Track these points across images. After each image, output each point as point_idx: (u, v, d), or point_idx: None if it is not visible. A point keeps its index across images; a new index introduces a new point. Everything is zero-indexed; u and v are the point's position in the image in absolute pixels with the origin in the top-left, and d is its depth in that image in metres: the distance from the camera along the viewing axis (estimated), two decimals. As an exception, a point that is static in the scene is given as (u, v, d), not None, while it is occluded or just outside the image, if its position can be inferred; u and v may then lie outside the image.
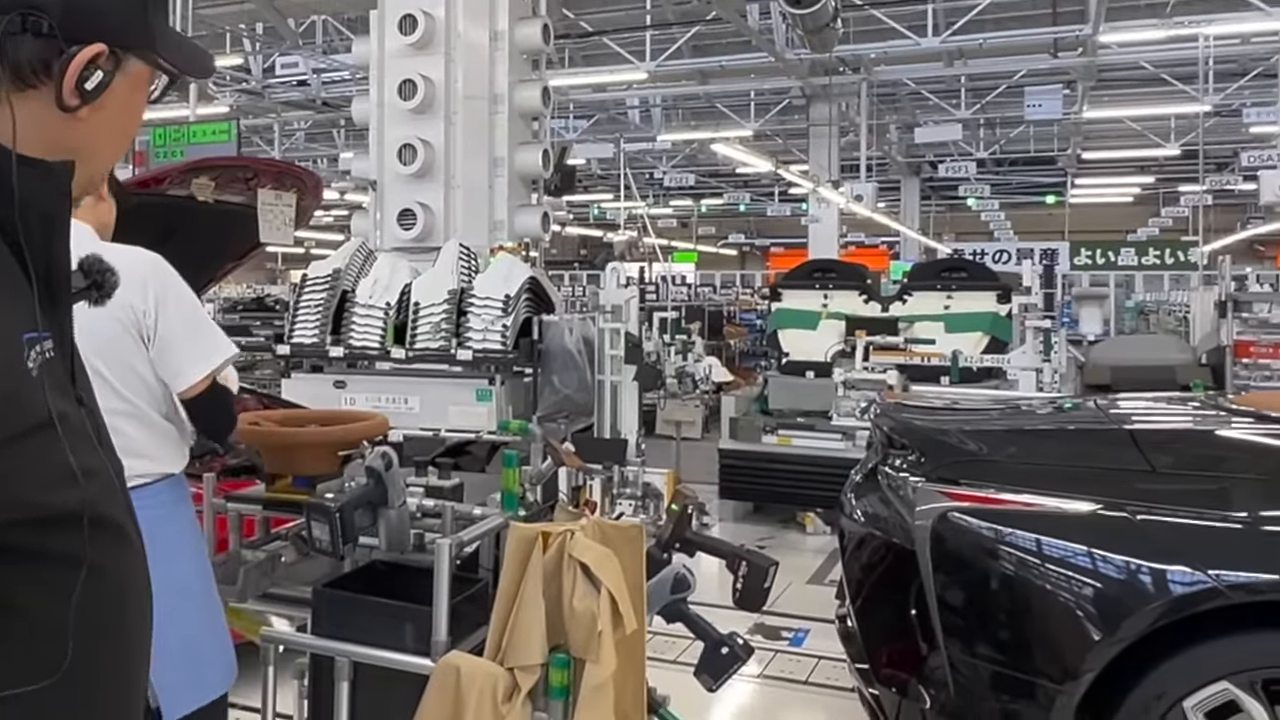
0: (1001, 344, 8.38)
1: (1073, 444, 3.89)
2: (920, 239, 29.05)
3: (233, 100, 15.32)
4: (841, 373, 7.40)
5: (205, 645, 2.60)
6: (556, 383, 7.22)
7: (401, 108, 8.49)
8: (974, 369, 7.73)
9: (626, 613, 2.46)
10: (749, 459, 7.90)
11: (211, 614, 2.67)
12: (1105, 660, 3.26)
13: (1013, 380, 7.15)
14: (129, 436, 2.51)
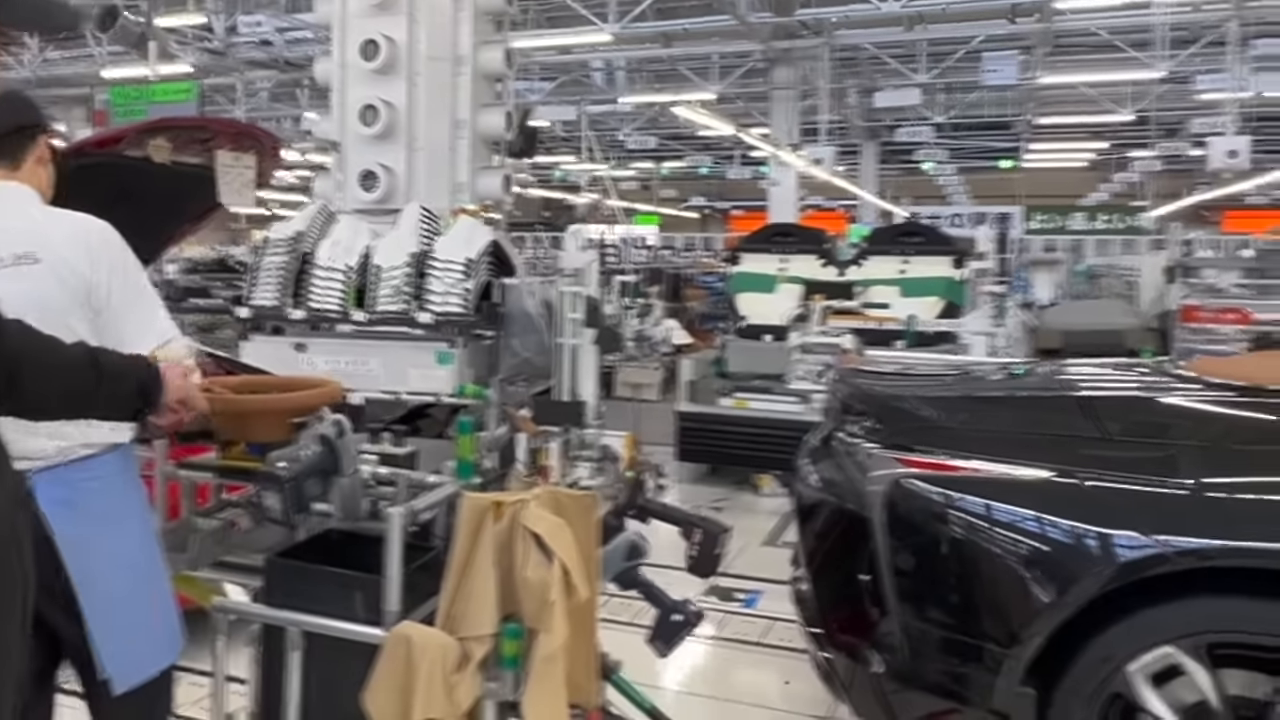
0: (956, 308, 8.38)
1: (1025, 411, 3.87)
2: (878, 203, 29.09)
3: (195, 59, 15.02)
4: (797, 336, 7.38)
5: (152, 618, 2.54)
6: (517, 346, 7.16)
7: (364, 68, 8.35)
8: (929, 333, 7.72)
9: (579, 583, 2.42)
10: (706, 421, 7.87)
11: (158, 586, 2.59)
12: (1053, 625, 3.26)
13: (965, 345, 7.15)
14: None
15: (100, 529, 2.45)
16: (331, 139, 8.57)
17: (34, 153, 2.64)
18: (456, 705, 2.40)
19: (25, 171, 2.62)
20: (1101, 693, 3.25)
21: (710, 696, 4.61)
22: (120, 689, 2.45)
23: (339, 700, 2.53)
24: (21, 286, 2.38)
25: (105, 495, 2.49)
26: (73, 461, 2.45)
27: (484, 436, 3.21)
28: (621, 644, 4.20)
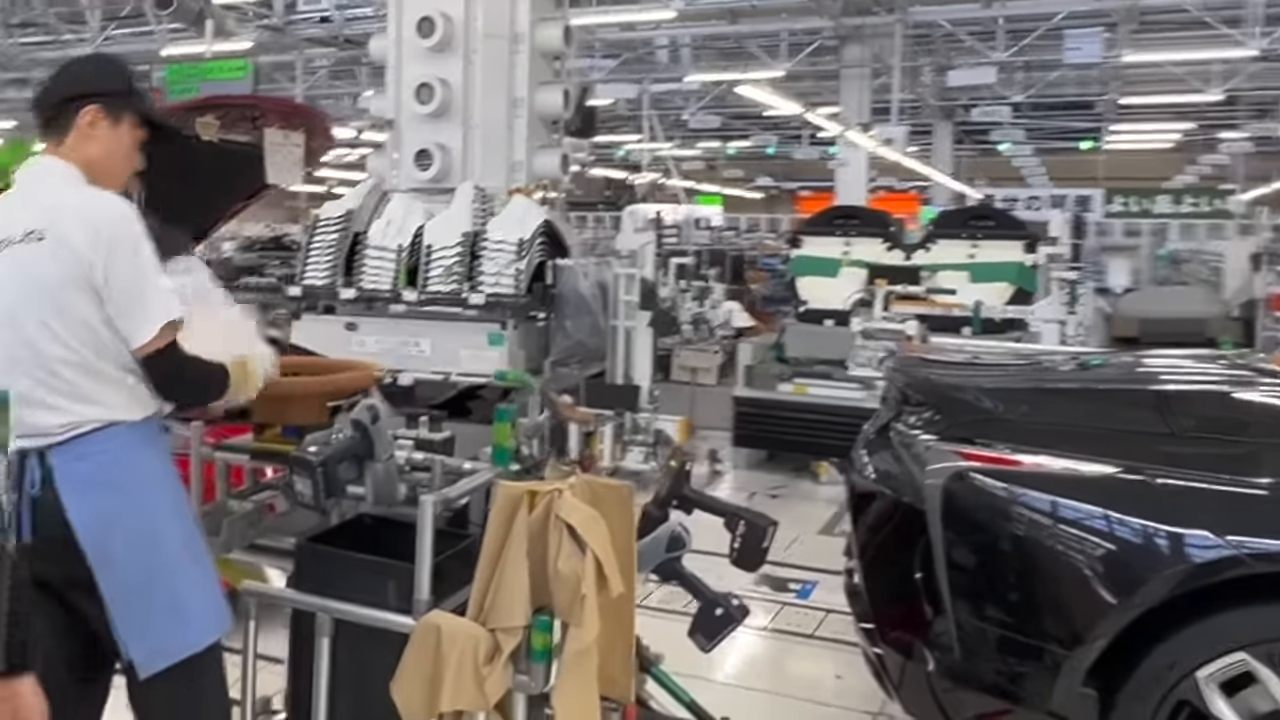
0: (1027, 295, 8.23)
1: (1093, 404, 3.76)
2: (952, 184, 28.65)
3: (254, 37, 15.13)
4: (859, 322, 7.28)
5: (182, 597, 2.48)
6: (569, 328, 7.16)
7: (420, 45, 8.37)
8: (997, 320, 7.59)
9: (612, 576, 2.38)
10: (764, 407, 7.81)
11: (190, 564, 2.53)
12: (1117, 628, 3.17)
13: (1036, 332, 7.01)
14: (72, 383, 2.44)
15: (119, 504, 2.44)
16: (387, 117, 8.61)
17: (78, 127, 2.59)
18: (486, 697, 2.38)
19: (68, 145, 2.59)
20: (1168, 699, 3.15)
21: (760, 689, 4.56)
22: (146, 672, 2.42)
23: (369, 688, 2.51)
24: (23, 262, 2.44)
25: (122, 468, 2.46)
26: (85, 434, 2.44)
27: (524, 423, 3.18)
28: (673, 635, 4.19)
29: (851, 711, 4.29)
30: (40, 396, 2.41)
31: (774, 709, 4.41)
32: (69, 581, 2.42)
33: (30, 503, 2.41)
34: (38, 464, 2.42)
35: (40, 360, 2.43)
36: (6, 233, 2.48)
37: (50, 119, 2.61)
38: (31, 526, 2.41)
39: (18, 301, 2.45)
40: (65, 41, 18.06)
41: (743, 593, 5.47)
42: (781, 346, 8.27)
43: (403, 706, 2.44)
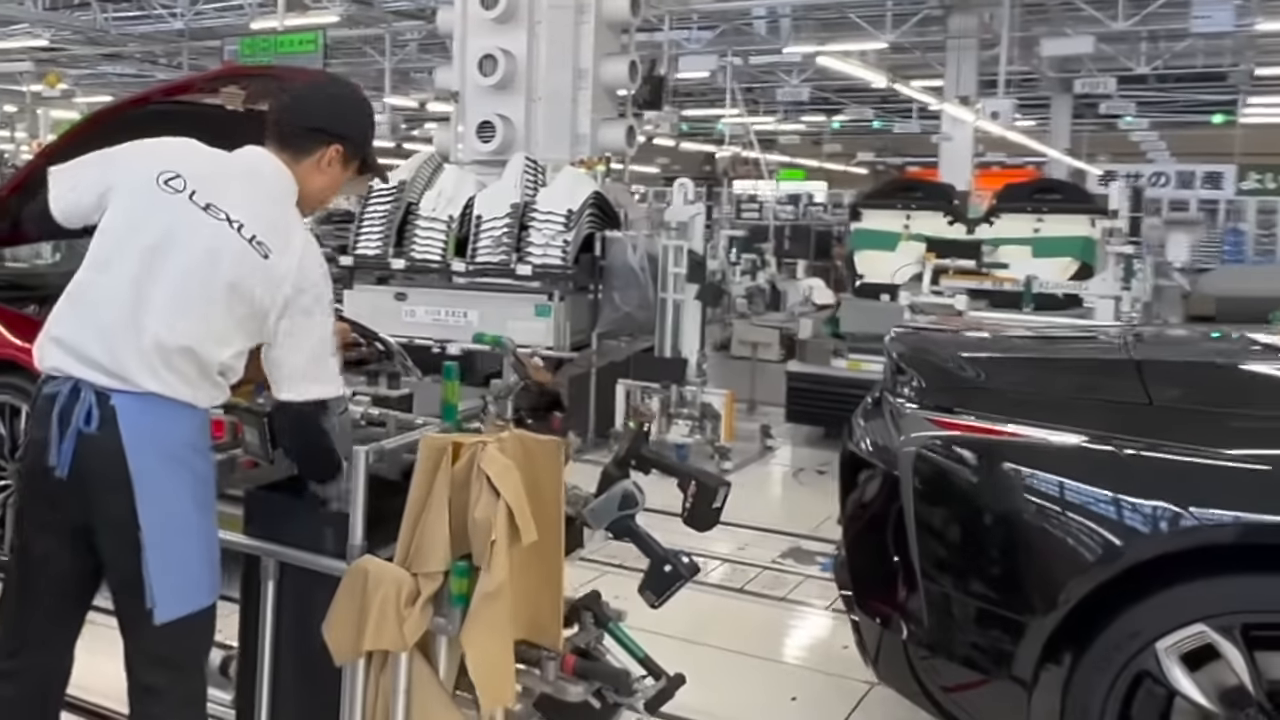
0: (1093, 270, 8.14)
1: (1075, 374, 3.80)
2: (1067, 160, 28.01)
3: (342, 10, 15.57)
4: (907, 296, 7.30)
5: (200, 557, 2.66)
6: (618, 300, 7.32)
7: (484, 17, 8.57)
8: (1059, 296, 7.52)
9: (524, 525, 2.53)
10: (817, 382, 7.87)
11: (208, 529, 2.71)
12: (1078, 596, 3.21)
13: (1090, 308, 6.95)
14: (182, 366, 2.57)
15: (170, 461, 2.59)
16: (451, 89, 8.85)
17: (317, 157, 2.75)
18: (405, 637, 2.56)
19: (301, 168, 2.74)
20: (1127, 669, 3.19)
21: (763, 657, 4.68)
22: (161, 620, 2.56)
23: (312, 628, 2.71)
24: (236, 257, 2.57)
25: (178, 433, 2.60)
26: (164, 398, 2.57)
27: (496, 384, 3.35)
28: (691, 603, 4.31)
29: (850, 680, 4.38)
30: (150, 356, 2.53)
31: (776, 676, 4.52)
32: (105, 523, 2.58)
33: (75, 439, 2.53)
34: (95, 403, 2.52)
35: (178, 339, 2.55)
36: (233, 210, 2.61)
37: (293, 137, 2.75)
38: (72, 462, 2.53)
39: (201, 280, 2.57)
40: (157, 16, 18.71)
41: (769, 565, 5.68)
42: (836, 321, 8.32)
43: (332, 645, 2.63)
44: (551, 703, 2.90)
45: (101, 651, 2.85)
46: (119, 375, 2.54)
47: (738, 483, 7.20)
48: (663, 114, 17.06)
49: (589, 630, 3.11)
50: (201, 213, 2.59)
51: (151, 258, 2.57)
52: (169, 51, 22.36)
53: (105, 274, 2.59)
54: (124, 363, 2.53)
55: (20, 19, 19.09)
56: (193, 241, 2.57)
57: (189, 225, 2.58)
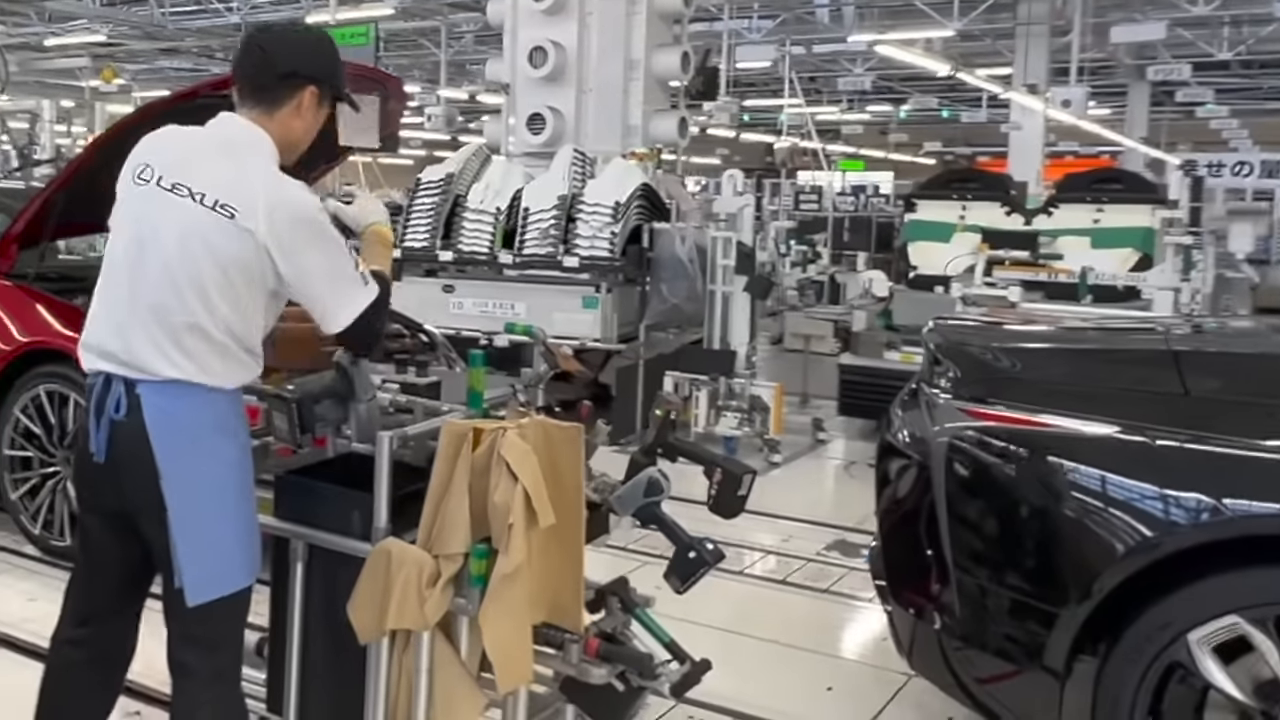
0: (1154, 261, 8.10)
1: (1110, 365, 3.83)
2: (1144, 150, 27.62)
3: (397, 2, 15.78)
4: (959, 287, 7.31)
5: (234, 540, 2.76)
6: (666, 291, 7.41)
7: (534, 8, 8.69)
8: (1118, 287, 7.49)
9: (541, 509, 2.63)
10: (870, 375, 7.91)
11: (244, 512, 2.81)
12: (1109, 587, 3.25)
13: (1148, 300, 6.92)
14: (194, 346, 2.67)
15: (195, 445, 2.69)
16: (502, 81, 8.98)
17: (294, 104, 2.81)
18: (426, 617, 2.67)
19: (277, 120, 2.80)
20: (1159, 660, 3.22)
21: (804, 648, 4.74)
22: (193, 601, 2.68)
23: (338, 608, 2.83)
24: (203, 227, 2.66)
25: (204, 417, 2.71)
26: (186, 384, 2.68)
27: (526, 372, 3.45)
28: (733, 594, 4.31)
29: (889, 671, 4.43)
30: (161, 344, 2.66)
31: (812, 666, 4.58)
32: (139, 506, 2.72)
33: (109, 425, 2.69)
34: (124, 392, 2.67)
35: (180, 318, 2.66)
36: (194, 184, 2.68)
37: (265, 88, 2.80)
38: (107, 448, 2.71)
39: (180, 258, 2.66)
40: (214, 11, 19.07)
41: (813, 557, 5.75)
42: (889, 314, 8.35)
43: (357, 624, 2.76)
44: (575, 685, 2.99)
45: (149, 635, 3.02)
46: (138, 367, 2.68)
47: (786, 476, 7.38)
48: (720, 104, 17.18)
49: (615, 615, 3.20)
50: (169, 195, 2.70)
51: (139, 250, 2.71)
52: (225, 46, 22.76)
53: (109, 275, 2.77)
54: (139, 354, 2.68)
55: (79, 14, 19.57)
56: (167, 225, 2.69)
57: (160, 211, 2.70)
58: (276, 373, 3.34)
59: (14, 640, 4.32)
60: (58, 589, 3.07)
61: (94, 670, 2.95)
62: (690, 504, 3.29)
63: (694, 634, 3.48)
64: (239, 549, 2.76)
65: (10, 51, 14.91)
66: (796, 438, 8.26)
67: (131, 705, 3.75)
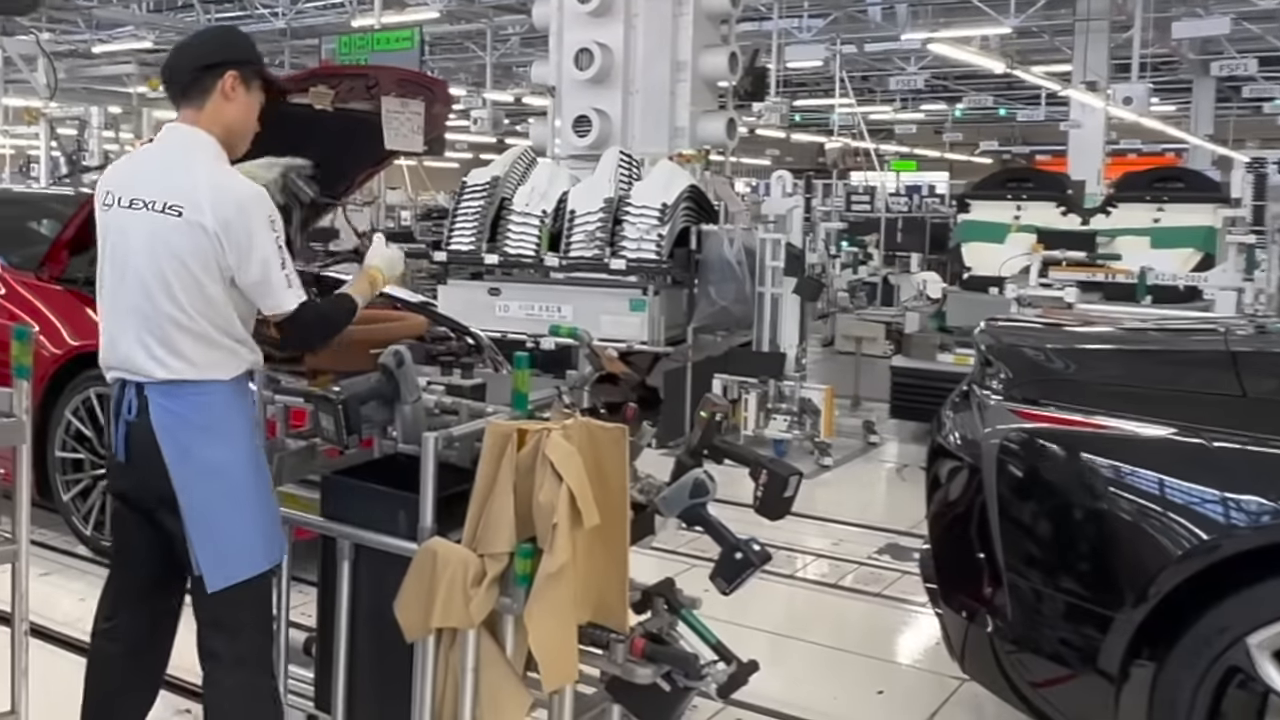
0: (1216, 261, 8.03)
1: (1165, 366, 3.82)
2: (1210, 147, 27.30)
3: (442, 5, 15.93)
4: (1014, 288, 7.29)
5: (249, 526, 2.95)
6: (713, 294, 7.44)
7: (579, 10, 8.76)
8: (1179, 288, 7.44)
9: (586, 509, 2.68)
10: (923, 377, 7.90)
11: (258, 498, 2.99)
12: (1164, 590, 3.25)
13: (1210, 301, 6.87)
14: (179, 343, 2.89)
15: (199, 440, 2.91)
16: (548, 84, 9.07)
17: (218, 89, 2.97)
18: (472, 615, 2.73)
19: (208, 113, 2.98)
20: (1217, 664, 3.21)
21: (855, 652, 4.76)
22: (212, 588, 2.89)
23: (384, 607, 2.90)
24: (159, 230, 2.88)
25: (207, 412, 2.92)
26: (184, 382, 2.90)
27: (572, 374, 3.51)
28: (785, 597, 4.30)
29: (941, 676, 4.44)
30: (149, 345, 2.90)
31: (863, 669, 4.60)
32: (158, 500, 2.94)
33: (125, 427, 2.95)
34: (135, 395, 2.93)
35: (156, 317, 2.89)
36: (146, 195, 2.91)
37: (188, 85, 2.99)
38: (125, 447, 2.96)
39: (147, 262, 2.89)
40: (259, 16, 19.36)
41: (864, 561, 5.77)
42: (942, 315, 8.33)
43: (404, 622, 2.83)
44: (621, 685, 3.04)
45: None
46: (138, 372, 2.93)
47: (837, 479, 7.40)
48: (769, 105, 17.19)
49: (661, 616, 3.25)
50: (129, 211, 2.94)
51: (116, 266, 2.98)
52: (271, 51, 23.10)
53: (100, 295, 3.06)
54: (132, 360, 2.94)
55: (125, 21, 19.93)
56: (133, 238, 2.93)
57: (125, 227, 2.95)
58: (324, 375, 3.42)
59: (66, 638, 4.44)
60: None
61: (127, 662, 3.14)
62: (737, 506, 3.33)
63: (744, 636, 3.52)
64: (255, 535, 2.95)
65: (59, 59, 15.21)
66: (848, 441, 8.27)
67: (182, 704, 3.84)
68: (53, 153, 12.83)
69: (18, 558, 2.92)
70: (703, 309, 7.53)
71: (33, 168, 15.91)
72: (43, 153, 13.05)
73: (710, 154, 8.92)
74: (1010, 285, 7.45)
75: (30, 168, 17.08)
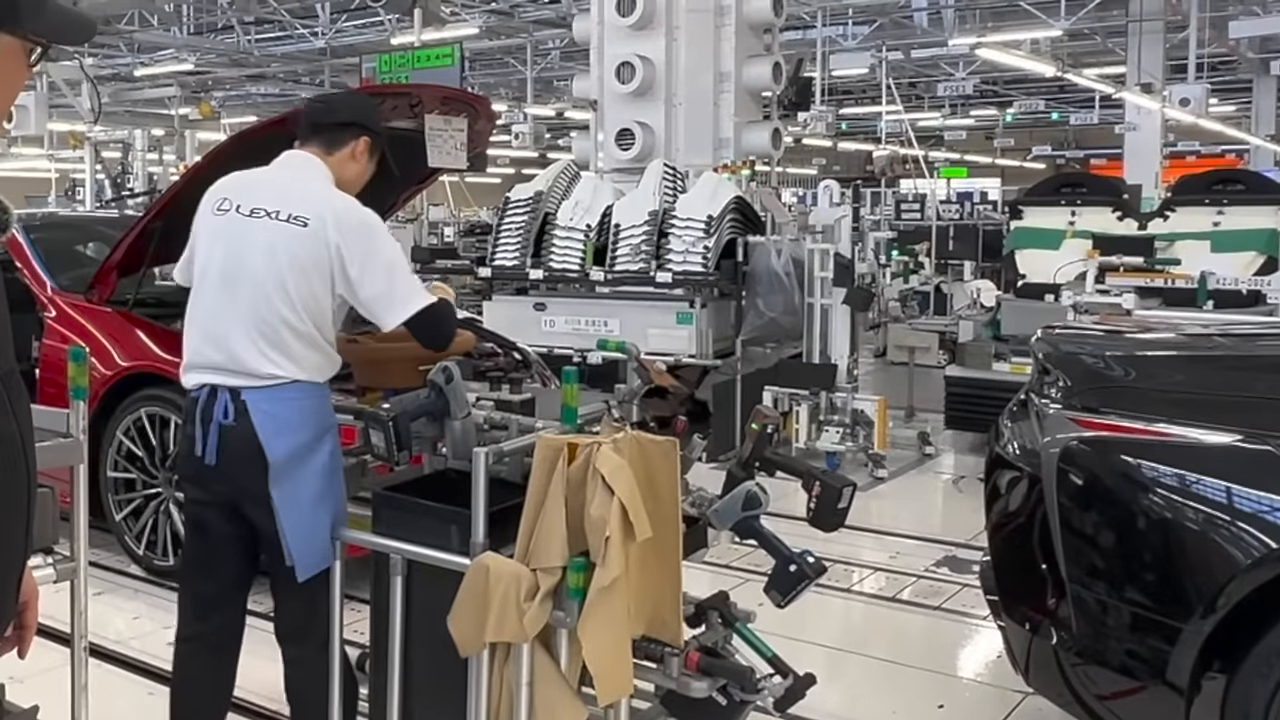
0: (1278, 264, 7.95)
1: (1227, 371, 3.79)
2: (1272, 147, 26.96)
3: (481, 22, 16.06)
4: (1070, 295, 7.24)
5: (327, 519, 3.21)
6: (761, 306, 7.45)
7: (621, 24, 8.82)
8: (1242, 292, 7.36)
9: (638, 522, 2.70)
10: (977, 387, 7.87)
11: (336, 497, 3.26)
12: (1234, 600, 3.22)
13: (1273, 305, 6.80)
14: (288, 343, 3.14)
15: (299, 441, 3.15)
16: (590, 98, 9.13)
17: (349, 149, 3.37)
18: (526, 629, 2.75)
19: (335, 160, 3.34)
20: (1290, 676, 3.19)
21: (915, 666, 4.73)
22: (303, 576, 3.16)
23: (438, 622, 2.93)
24: (283, 237, 3.14)
25: (304, 414, 3.17)
26: (281, 384, 3.14)
27: (620, 388, 3.54)
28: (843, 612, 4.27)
29: (1004, 690, 4.41)
30: (260, 344, 3.12)
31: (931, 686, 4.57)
32: (250, 497, 3.16)
33: (218, 430, 3.14)
34: (230, 399, 3.13)
35: (271, 317, 3.12)
36: (270, 205, 3.19)
37: (324, 132, 3.36)
38: (217, 450, 3.15)
39: (266, 266, 3.14)
40: (299, 36, 19.62)
41: (923, 573, 5.75)
42: (997, 324, 8.30)
43: (457, 637, 2.85)
44: (678, 699, 3.05)
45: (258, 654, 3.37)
46: (241, 370, 3.13)
47: (892, 492, 7.38)
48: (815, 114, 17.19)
49: (716, 630, 3.26)
50: (249, 219, 3.20)
51: (230, 269, 3.20)
52: (311, 70, 23.41)
53: (201, 295, 3.27)
54: (242, 359, 3.13)
55: (167, 44, 20.26)
56: (252, 243, 3.18)
57: (243, 233, 3.19)
58: (374, 392, 3.46)
59: (120, 656, 4.52)
60: (161, 607, 3.32)
61: (213, 664, 3.35)
62: (791, 520, 3.34)
63: (801, 651, 3.51)
64: (329, 528, 3.22)
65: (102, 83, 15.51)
66: (902, 452, 8.25)
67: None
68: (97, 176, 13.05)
69: (76, 575, 2.98)
70: (751, 321, 7.53)
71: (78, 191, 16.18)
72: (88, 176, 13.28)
73: (756, 164, 8.93)
74: (1066, 292, 7.41)
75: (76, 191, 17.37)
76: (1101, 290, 7.33)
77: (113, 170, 13.01)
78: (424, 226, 15.03)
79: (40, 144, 17.25)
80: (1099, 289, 7.37)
